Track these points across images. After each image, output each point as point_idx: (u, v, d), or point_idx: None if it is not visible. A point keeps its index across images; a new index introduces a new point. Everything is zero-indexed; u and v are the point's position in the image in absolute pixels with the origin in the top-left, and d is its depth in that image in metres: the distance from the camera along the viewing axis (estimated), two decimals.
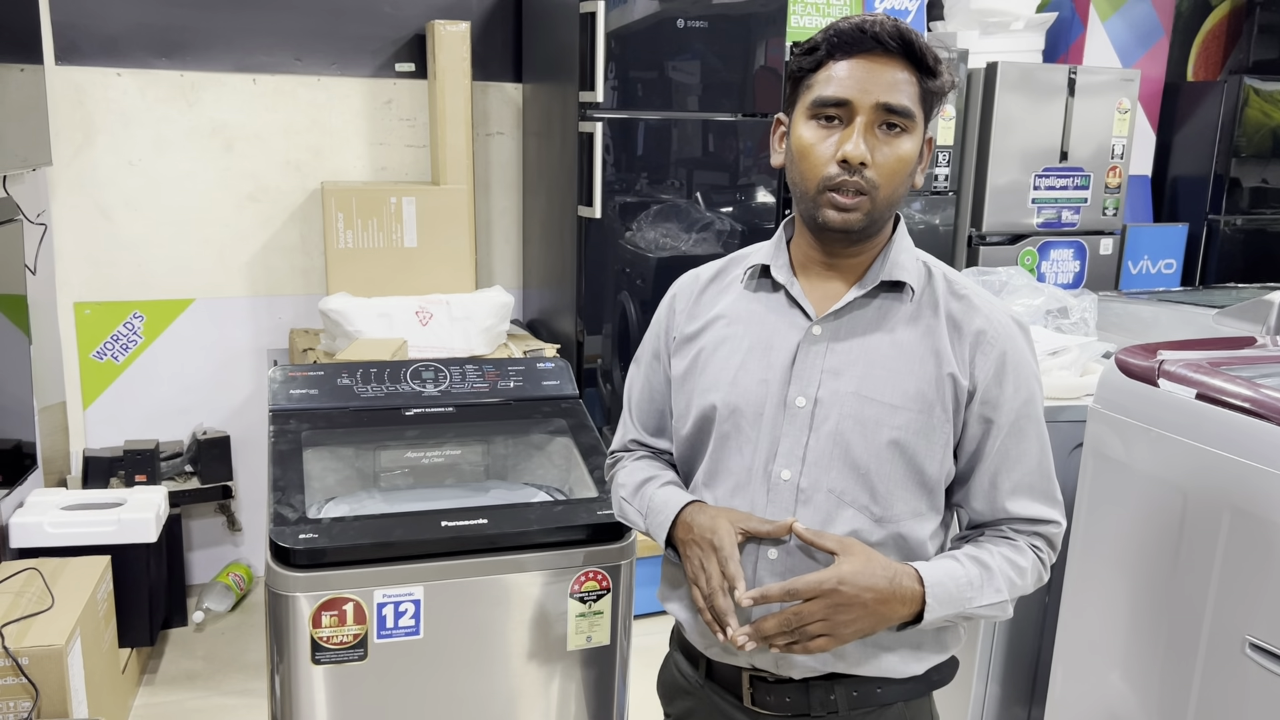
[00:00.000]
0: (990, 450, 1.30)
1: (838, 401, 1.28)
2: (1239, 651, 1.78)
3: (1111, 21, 4.47)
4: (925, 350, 1.28)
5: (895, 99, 1.21)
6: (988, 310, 1.31)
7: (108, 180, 3.21)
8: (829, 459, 1.28)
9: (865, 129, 1.21)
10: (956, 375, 1.27)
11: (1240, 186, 4.52)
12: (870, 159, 1.21)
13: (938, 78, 1.23)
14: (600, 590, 1.93)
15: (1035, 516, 1.33)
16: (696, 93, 3.21)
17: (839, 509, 1.28)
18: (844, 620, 1.19)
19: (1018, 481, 1.32)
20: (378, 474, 2.23)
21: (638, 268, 3.23)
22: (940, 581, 1.24)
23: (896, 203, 1.27)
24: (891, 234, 1.33)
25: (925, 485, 1.30)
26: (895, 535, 1.29)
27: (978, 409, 1.29)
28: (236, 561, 3.49)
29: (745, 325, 1.35)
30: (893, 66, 1.21)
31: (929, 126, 1.28)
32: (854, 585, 1.19)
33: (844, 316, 1.31)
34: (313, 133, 3.40)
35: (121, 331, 3.31)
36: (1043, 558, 1.35)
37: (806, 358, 1.30)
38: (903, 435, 1.27)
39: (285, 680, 1.80)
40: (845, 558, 1.21)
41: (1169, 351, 2.06)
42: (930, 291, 1.32)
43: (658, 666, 1.54)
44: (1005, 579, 1.28)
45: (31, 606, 2.34)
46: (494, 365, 2.34)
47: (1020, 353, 1.30)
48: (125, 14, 3.14)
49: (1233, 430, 1.79)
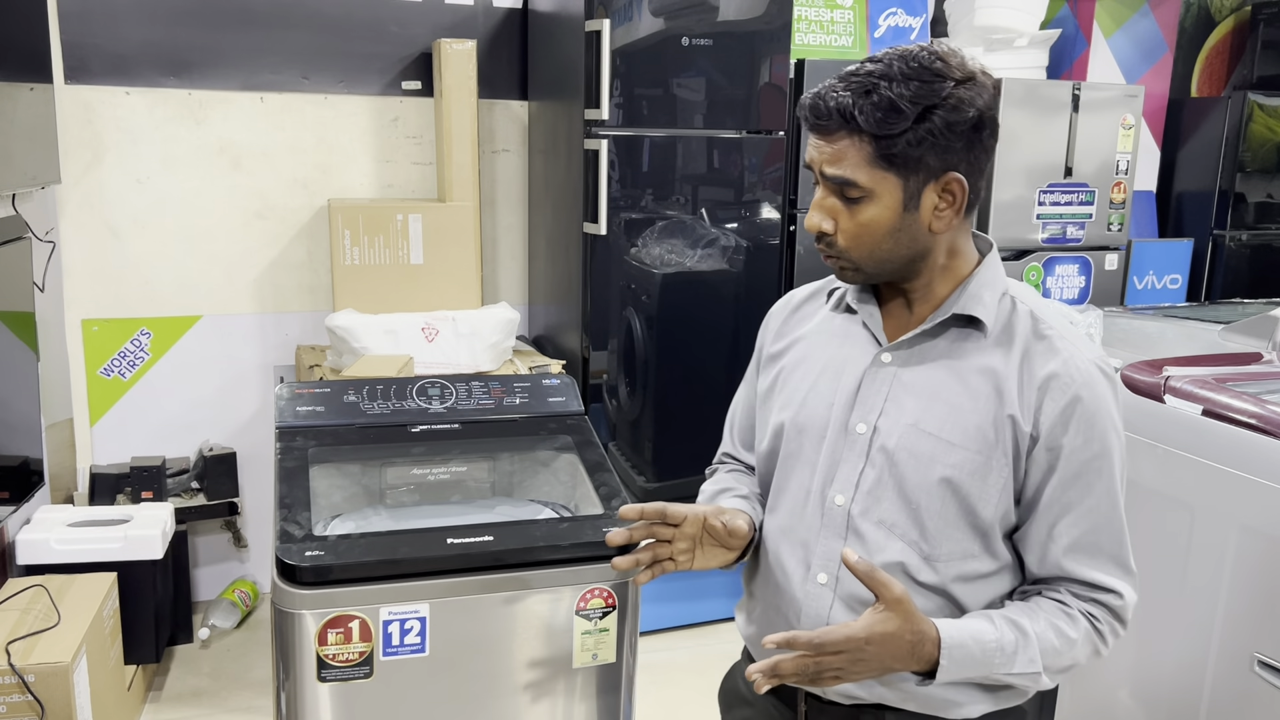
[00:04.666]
0: (1049, 499, 1.24)
1: (895, 432, 1.26)
2: (1247, 669, 1.77)
3: (1115, 38, 4.49)
4: (991, 388, 1.24)
5: (835, 171, 1.21)
6: (1068, 353, 1.23)
7: (116, 198, 3.23)
8: (881, 489, 1.27)
9: (823, 198, 1.24)
10: (1018, 418, 1.22)
11: (1245, 202, 4.52)
12: (834, 226, 1.24)
13: (896, 136, 1.17)
14: (606, 607, 1.93)
15: (1094, 581, 1.24)
16: (701, 110, 3.22)
17: (888, 540, 1.27)
18: (858, 670, 1.18)
19: (1078, 538, 1.24)
20: (384, 491, 2.23)
21: (643, 284, 3.23)
22: (962, 644, 1.19)
23: (895, 259, 1.25)
24: (979, 263, 1.30)
25: (978, 527, 1.25)
26: (946, 576, 1.26)
27: (1041, 454, 1.23)
28: (242, 578, 3.49)
29: (823, 348, 1.37)
30: (839, 137, 1.20)
31: (936, 166, 1.20)
32: (879, 646, 1.16)
33: (914, 346, 1.29)
34: (320, 150, 3.42)
35: (129, 348, 3.32)
36: (1101, 629, 1.25)
37: (872, 384, 1.29)
38: (956, 474, 1.23)
39: (291, 698, 1.80)
40: (885, 615, 1.16)
41: (1175, 367, 2.06)
42: (1010, 328, 1.27)
43: (664, 684, 1.54)
44: (1047, 648, 1.22)
45: (38, 623, 2.34)
46: (500, 382, 2.34)
47: (1098, 402, 1.23)
48: (134, 33, 3.17)
49: (1240, 446, 1.79)
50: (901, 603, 1.16)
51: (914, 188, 1.21)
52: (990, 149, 1.23)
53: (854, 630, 1.16)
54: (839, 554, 1.28)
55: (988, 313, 1.26)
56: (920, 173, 1.20)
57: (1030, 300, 1.30)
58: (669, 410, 3.34)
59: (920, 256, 1.26)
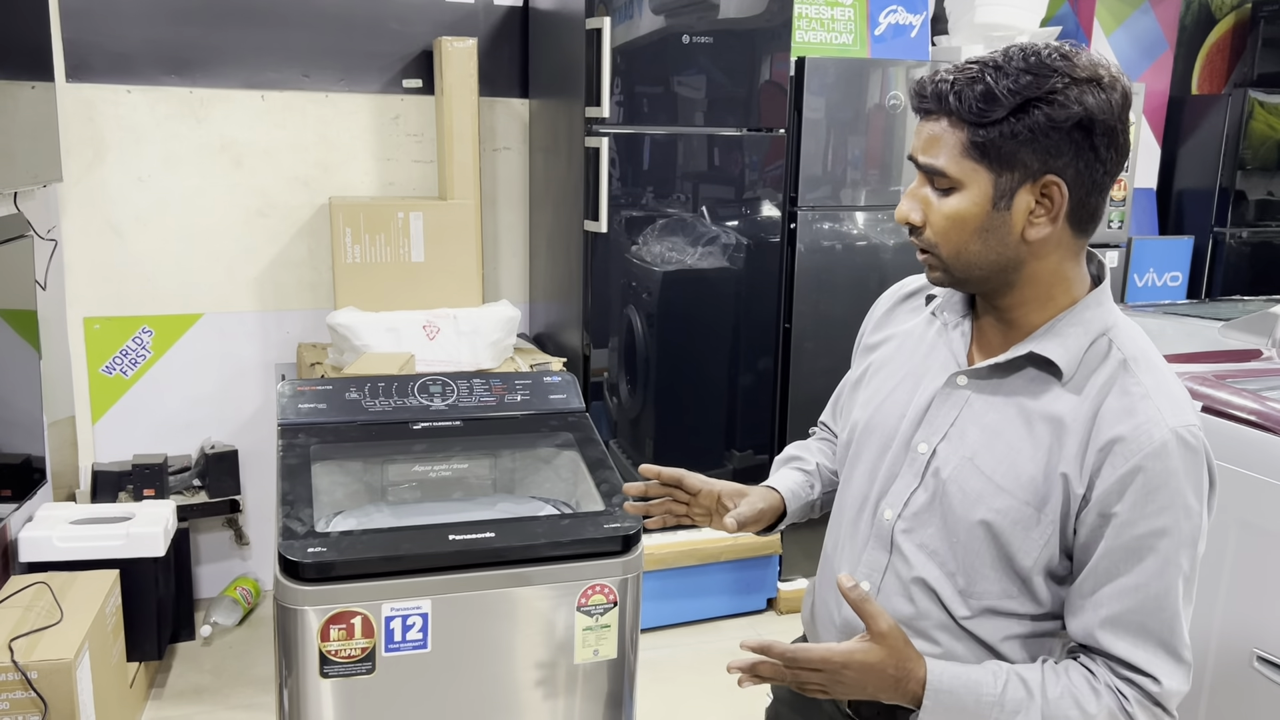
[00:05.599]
0: (1096, 565, 1.14)
1: (953, 461, 1.21)
2: (1247, 665, 1.78)
3: (1115, 35, 4.49)
4: (1053, 438, 1.15)
5: (925, 158, 1.15)
6: (1146, 416, 1.11)
7: (117, 196, 3.24)
8: (929, 514, 1.23)
9: (918, 186, 1.18)
10: (1070, 476, 1.14)
11: (1246, 199, 4.52)
12: (922, 217, 1.18)
13: (980, 126, 1.10)
14: (607, 604, 1.94)
15: (1129, 661, 1.14)
16: (702, 108, 3.23)
17: (926, 564, 1.24)
18: (841, 690, 1.18)
19: (1119, 614, 1.13)
20: (385, 488, 2.23)
21: (644, 281, 3.24)
22: (951, 690, 1.15)
23: (983, 264, 1.16)
24: (1084, 297, 1.20)
25: (1018, 574, 1.19)
26: (978, 610, 1.21)
27: (1092, 517, 1.14)
28: (244, 575, 3.50)
29: (911, 353, 1.32)
30: (935, 122, 1.14)
31: (1032, 167, 1.11)
32: (858, 674, 1.15)
33: (990, 377, 1.22)
34: (321, 148, 3.42)
35: (130, 346, 3.33)
36: (1130, 710, 1.13)
37: (943, 406, 1.25)
38: (997, 520, 1.17)
39: (294, 694, 1.81)
40: (869, 646, 1.15)
41: (1175, 364, 2.06)
42: (1097, 377, 1.16)
43: (665, 680, 1.55)
44: (1054, 715, 1.14)
45: (40, 620, 2.35)
46: (501, 379, 2.35)
47: (1165, 476, 1.10)
48: (135, 32, 3.17)
49: (1239, 443, 1.79)
50: (888, 637, 1.15)
51: (1006, 185, 1.12)
52: (1106, 159, 1.12)
53: (832, 653, 1.15)
54: (882, 567, 1.28)
55: (1066, 357, 1.16)
56: (1015, 170, 1.11)
57: (1131, 347, 1.18)
58: (670, 407, 3.34)
59: (1012, 268, 1.17)
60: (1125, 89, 1.12)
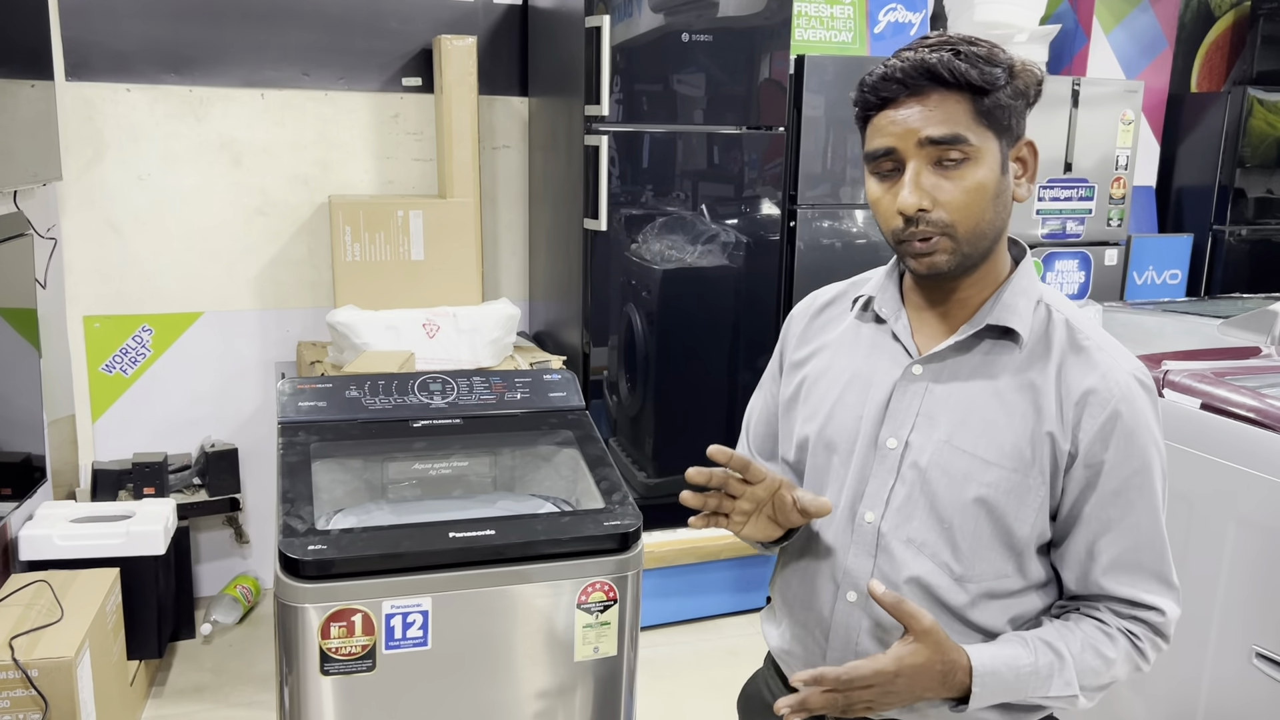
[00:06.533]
0: (1089, 515, 1.19)
1: (928, 448, 1.21)
2: (1246, 661, 1.78)
3: (1115, 33, 4.49)
4: (1028, 404, 1.18)
5: (938, 130, 1.13)
6: (1106, 366, 1.18)
7: (117, 194, 3.24)
8: (912, 506, 1.23)
9: (918, 173, 1.15)
10: (1056, 435, 1.17)
11: (1245, 197, 4.52)
12: (935, 199, 1.14)
13: (992, 91, 1.13)
14: (607, 601, 1.94)
15: (1135, 599, 1.20)
16: (701, 106, 3.23)
17: (916, 559, 1.23)
18: (888, 703, 1.16)
19: (1117, 556, 1.19)
20: (386, 485, 2.23)
21: (643, 280, 3.24)
22: (995, 671, 1.16)
23: (990, 232, 1.18)
24: (1013, 270, 1.24)
25: (1014, 548, 1.21)
26: (974, 595, 1.22)
27: (1080, 471, 1.18)
28: (244, 574, 3.50)
29: (849, 357, 1.31)
30: (931, 99, 1.13)
31: (1015, 131, 1.18)
32: (909, 679, 1.14)
33: (947, 359, 1.23)
34: (320, 147, 3.42)
35: (130, 345, 3.33)
36: (1141, 646, 1.20)
37: (903, 398, 1.24)
38: (991, 493, 1.19)
39: (294, 691, 1.81)
40: (915, 647, 1.14)
41: (1173, 362, 2.06)
42: (1046, 339, 1.21)
43: (665, 678, 1.54)
44: (1085, 669, 1.18)
45: (41, 619, 2.35)
46: (501, 377, 2.35)
47: (1138, 417, 1.17)
48: (135, 30, 3.17)
49: (1238, 440, 1.80)
50: (930, 634, 1.14)
51: (1006, 149, 1.17)
52: None
53: (883, 664, 1.13)
54: (868, 572, 1.25)
55: (1023, 324, 1.20)
56: (1011, 133, 1.17)
57: (1065, 308, 1.24)
58: (669, 406, 3.35)
59: (1003, 234, 1.21)
60: None
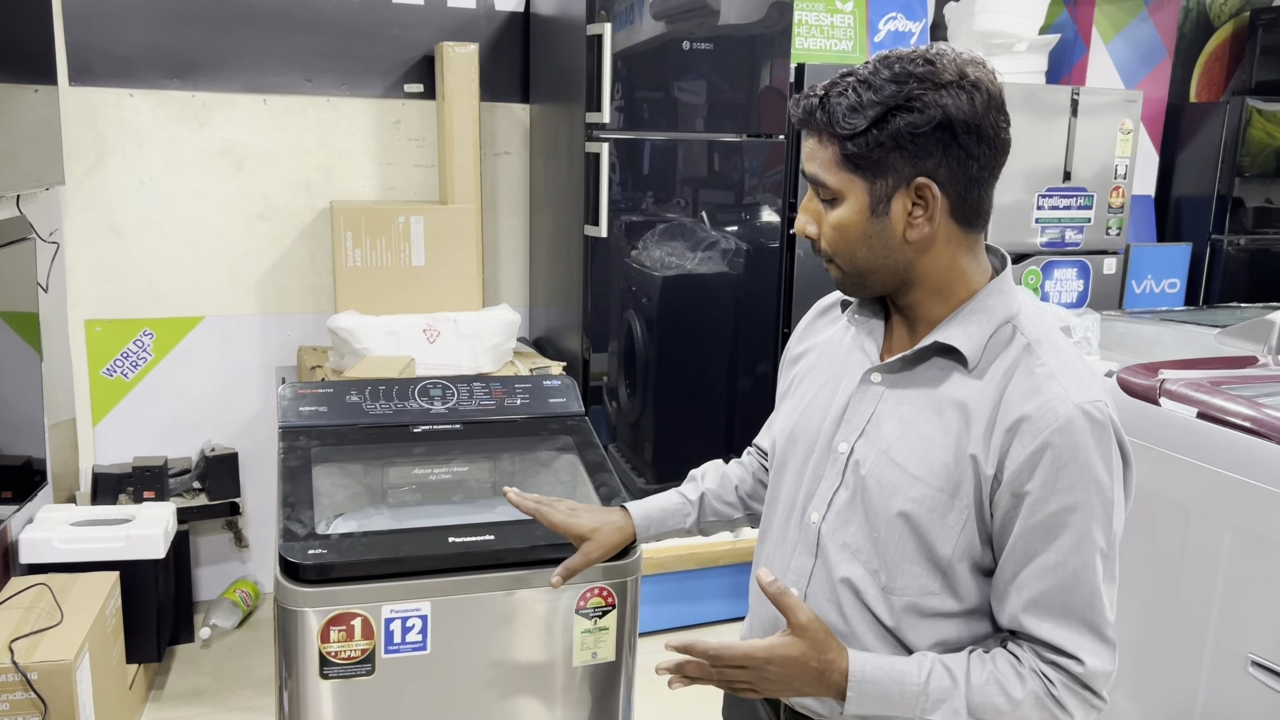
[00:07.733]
0: (1013, 546, 1.15)
1: (870, 457, 1.23)
2: (1241, 669, 1.78)
3: (1114, 43, 4.51)
4: (961, 423, 1.18)
5: (810, 169, 1.20)
6: (1051, 395, 1.13)
7: (119, 199, 3.25)
8: (851, 512, 1.25)
9: (807, 201, 1.23)
10: (979, 458, 1.16)
11: (1244, 206, 4.54)
12: (817, 230, 1.22)
13: (848, 139, 1.14)
14: (606, 606, 1.94)
15: (1054, 643, 1.14)
16: (702, 113, 3.24)
17: (849, 563, 1.24)
18: (767, 688, 1.20)
19: (1040, 595, 1.14)
20: (386, 490, 2.24)
21: (643, 286, 3.25)
22: (875, 680, 1.16)
23: (874, 269, 1.20)
24: (983, 288, 1.22)
25: (937, 565, 1.19)
26: (899, 608, 1.22)
27: (1005, 498, 1.15)
28: (243, 578, 3.51)
29: (830, 359, 1.35)
30: (812, 138, 1.19)
31: (903, 173, 1.15)
32: (781, 668, 1.17)
33: (900, 371, 1.25)
34: (322, 152, 3.43)
35: (131, 349, 3.34)
36: (1056, 694, 1.14)
37: (859, 404, 1.27)
38: (914, 509, 1.19)
39: (293, 695, 1.82)
40: (790, 640, 1.17)
41: (1171, 370, 2.07)
42: (1001, 361, 1.18)
43: (663, 684, 1.55)
44: (983, 703, 1.15)
45: (41, 622, 2.36)
46: (501, 383, 2.36)
47: (1075, 451, 1.11)
48: (138, 36, 3.18)
49: (1234, 449, 1.80)
50: (807, 629, 1.17)
51: (881, 192, 1.16)
52: (979, 156, 1.14)
53: (755, 649, 1.17)
54: (808, 571, 1.29)
55: (970, 344, 1.18)
56: (888, 177, 1.15)
57: (1035, 331, 1.20)
58: (669, 412, 3.35)
59: (904, 268, 1.20)
60: (990, 87, 1.16)
